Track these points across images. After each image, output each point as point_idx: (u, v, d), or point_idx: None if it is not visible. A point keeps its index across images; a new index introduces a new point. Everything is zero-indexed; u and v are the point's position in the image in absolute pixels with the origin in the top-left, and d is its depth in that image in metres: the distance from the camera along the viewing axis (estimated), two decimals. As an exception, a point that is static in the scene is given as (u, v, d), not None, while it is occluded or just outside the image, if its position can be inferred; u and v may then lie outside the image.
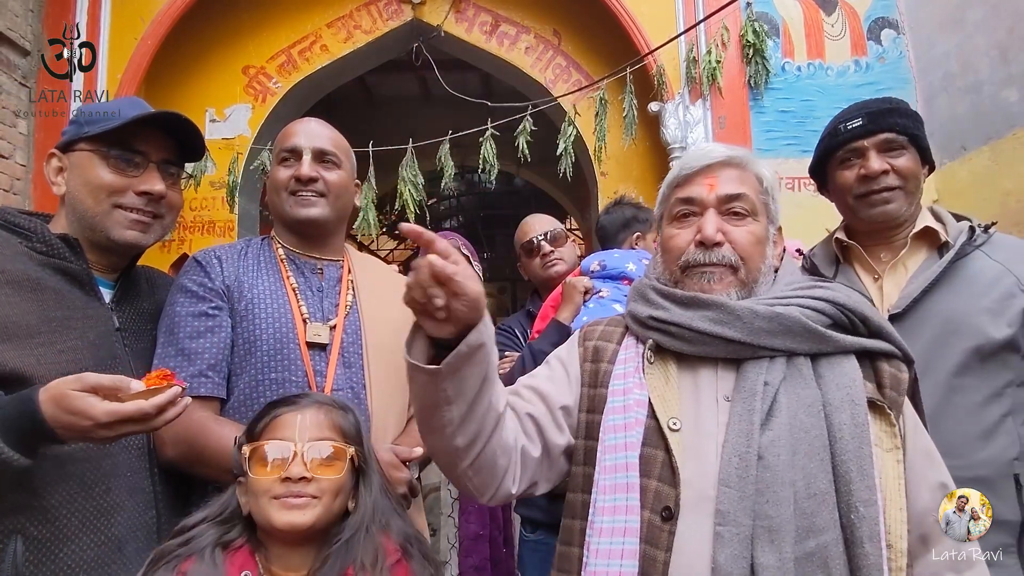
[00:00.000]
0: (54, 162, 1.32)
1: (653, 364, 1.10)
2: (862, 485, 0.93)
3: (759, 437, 0.97)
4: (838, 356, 1.05)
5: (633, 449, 1.02)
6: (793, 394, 1.01)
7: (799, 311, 1.05)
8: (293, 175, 1.46)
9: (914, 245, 1.57)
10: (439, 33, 4.65)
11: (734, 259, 1.11)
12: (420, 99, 7.34)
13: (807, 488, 0.94)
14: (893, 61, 4.24)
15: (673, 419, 1.02)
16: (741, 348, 1.05)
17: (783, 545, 0.90)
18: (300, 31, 4.70)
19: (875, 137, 1.54)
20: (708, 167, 1.15)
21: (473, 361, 0.92)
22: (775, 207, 1.18)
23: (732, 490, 0.93)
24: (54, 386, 1.03)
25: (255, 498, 1.08)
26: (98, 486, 1.18)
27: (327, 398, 1.21)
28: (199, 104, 4.50)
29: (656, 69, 4.16)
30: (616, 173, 4.52)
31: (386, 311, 1.50)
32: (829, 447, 0.97)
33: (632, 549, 0.96)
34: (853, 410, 0.99)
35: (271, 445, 1.10)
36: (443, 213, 11.50)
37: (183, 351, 1.33)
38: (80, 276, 1.26)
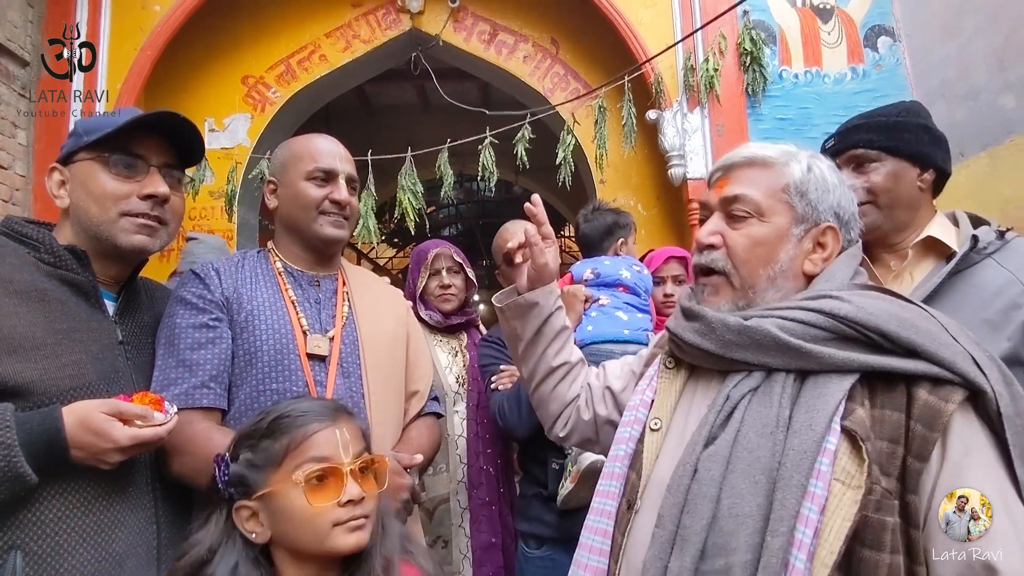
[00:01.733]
0: (56, 176, 1.32)
1: (670, 370, 1.15)
2: (778, 515, 0.87)
3: (701, 450, 0.98)
4: (828, 375, 0.94)
5: (628, 443, 1.11)
6: (753, 412, 0.97)
7: (776, 323, 0.98)
8: (329, 196, 1.49)
9: (921, 254, 1.51)
10: (437, 42, 4.68)
11: (723, 264, 1.08)
12: (419, 108, 7.37)
13: (731, 508, 0.91)
14: (890, 68, 4.26)
15: (656, 419, 1.10)
16: (718, 360, 1.05)
17: (686, 556, 0.91)
18: (299, 41, 4.72)
19: (844, 155, 1.55)
20: (725, 168, 1.15)
21: (529, 313, 1.30)
22: (810, 206, 1.08)
23: (670, 496, 0.97)
24: (80, 407, 1.09)
25: (306, 525, 1.02)
26: (98, 501, 1.17)
27: (338, 403, 1.17)
28: (198, 114, 4.51)
29: (654, 77, 4.17)
30: (615, 180, 4.53)
31: (381, 322, 1.56)
32: (775, 470, 0.91)
33: (604, 528, 1.08)
34: (805, 436, 0.90)
35: (322, 469, 1.04)
36: (442, 221, 11.53)
37: (184, 362, 1.32)
38: (86, 288, 1.26)
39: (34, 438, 1.05)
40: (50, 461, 1.07)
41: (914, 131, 1.54)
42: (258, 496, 1.06)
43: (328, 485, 1.04)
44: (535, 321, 1.30)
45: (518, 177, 7.76)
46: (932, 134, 1.55)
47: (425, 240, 2.55)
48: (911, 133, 1.54)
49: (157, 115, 1.32)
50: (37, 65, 4.15)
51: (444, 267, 2.31)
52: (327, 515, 1.02)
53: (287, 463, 1.05)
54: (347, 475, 1.04)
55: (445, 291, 2.30)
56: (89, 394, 1.17)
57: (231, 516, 1.07)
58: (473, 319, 2.43)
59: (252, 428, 1.11)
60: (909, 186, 1.52)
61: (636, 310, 2.04)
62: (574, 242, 10.78)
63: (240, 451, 1.10)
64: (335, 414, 1.11)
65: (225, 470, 1.08)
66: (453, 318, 2.32)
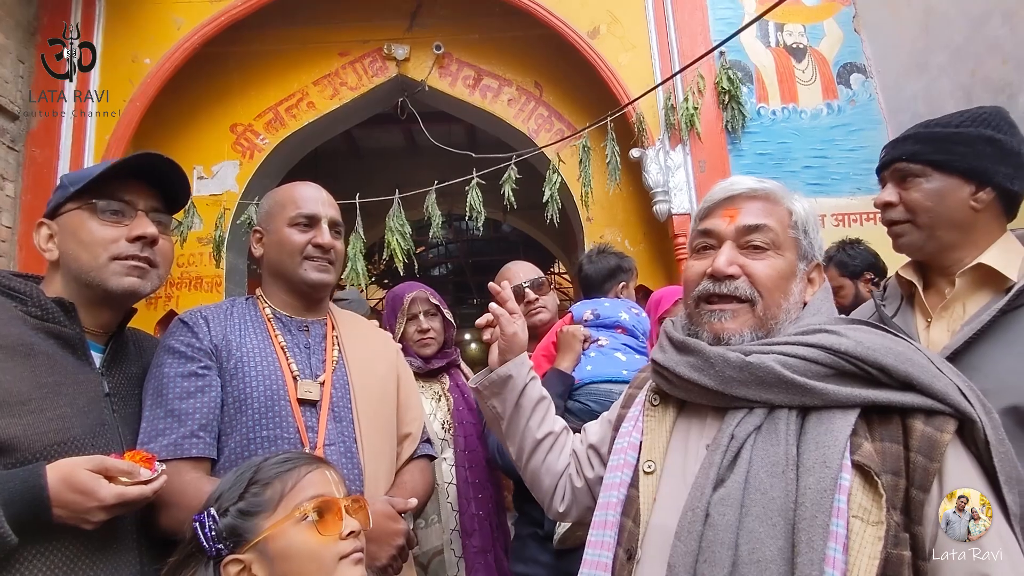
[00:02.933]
0: (44, 230, 1.32)
1: (656, 407, 1.10)
2: (806, 558, 0.84)
3: (711, 493, 0.93)
4: (831, 411, 0.93)
5: (620, 489, 1.06)
6: (761, 451, 0.94)
7: (778, 359, 0.96)
8: (312, 241, 1.51)
9: (975, 284, 1.34)
10: (423, 88, 4.78)
11: (749, 292, 1.04)
12: (406, 151, 7.48)
13: (751, 553, 0.87)
14: (863, 103, 4.40)
15: (649, 462, 1.04)
16: (717, 397, 1.00)
17: None
18: (287, 89, 4.81)
19: (889, 168, 1.43)
20: (730, 198, 1.11)
21: (506, 388, 1.28)
22: (810, 243, 1.10)
23: (681, 543, 0.92)
24: (66, 464, 1.07)
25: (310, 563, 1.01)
26: (81, 560, 1.13)
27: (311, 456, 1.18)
28: (186, 162, 4.55)
29: (636, 117, 4.28)
30: (601, 217, 4.59)
31: (371, 365, 1.56)
32: (792, 512, 0.88)
33: None
34: (821, 474, 0.88)
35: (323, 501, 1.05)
36: (431, 261, 11.57)
37: (172, 412, 1.30)
38: (73, 341, 1.25)
39: (16, 496, 1.03)
40: (32, 521, 1.04)
41: (972, 143, 1.34)
42: (252, 545, 1.02)
43: (327, 522, 1.04)
44: (512, 395, 1.28)
45: (506, 215, 7.84)
46: (1000, 147, 1.34)
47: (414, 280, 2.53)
48: (967, 146, 1.34)
49: (141, 157, 1.33)
50: (26, 118, 4.18)
51: (421, 311, 2.27)
52: (332, 548, 1.02)
53: (284, 504, 1.04)
54: (344, 509, 1.06)
55: (424, 335, 2.25)
56: (75, 449, 1.15)
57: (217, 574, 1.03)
58: (454, 360, 2.37)
59: (234, 482, 1.10)
60: (957, 205, 1.34)
61: (634, 352, 2.05)
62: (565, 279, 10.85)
63: (226, 504, 1.07)
64: (317, 461, 1.13)
65: (212, 525, 1.04)
66: (434, 361, 2.27)
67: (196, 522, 1.06)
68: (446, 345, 2.34)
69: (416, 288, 2.33)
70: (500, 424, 1.31)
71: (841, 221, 4.19)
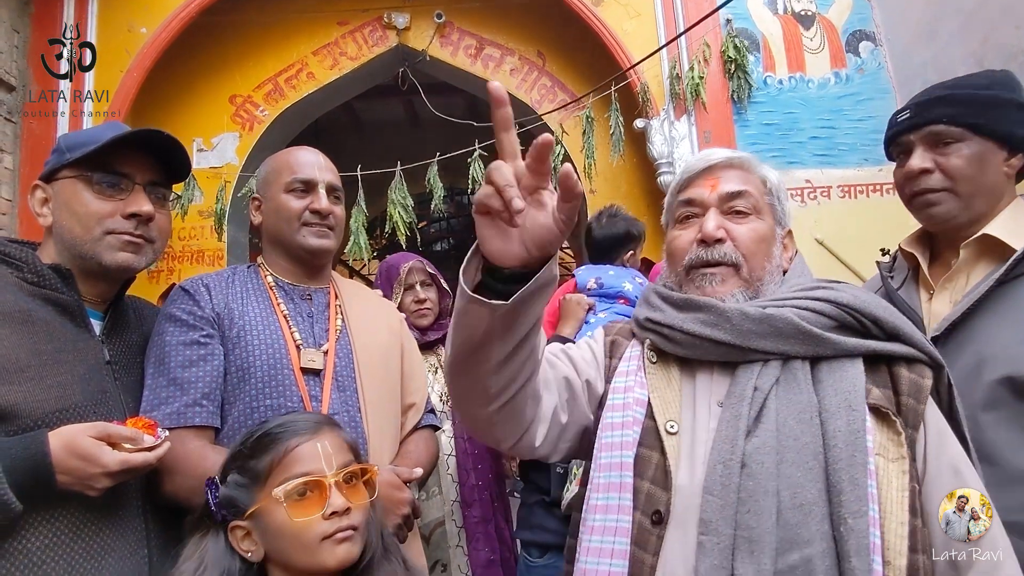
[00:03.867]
0: (38, 193, 1.30)
1: (656, 364, 1.10)
2: (852, 496, 0.87)
3: (744, 444, 0.93)
4: (840, 360, 1.00)
5: (629, 448, 1.01)
6: (785, 399, 0.97)
7: (793, 312, 1.01)
8: (309, 207, 1.47)
9: (978, 254, 1.33)
10: (424, 57, 4.70)
11: (735, 256, 1.08)
12: (407, 123, 7.39)
13: (792, 498, 0.89)
14: (872, 72, 4.32)
15: (671, 422, 1.01)
16: (732, 351, 1.02)
17: (762, 557, 0.85)
18: (286, 59, 4.73)
19: (920, 131, 1.34)
20: (710, 168, 1.15)
21: (538, 300, 0.83)
22: (782, 209, 1.16)
23: (715, 498, 0.91)
24: (67, 431, 1.07)
25: (295, 540, 1.01)
26: (87, 527, 1.14)
27: (320, 415, 1.16)
28: (186, 134, 4.51)
29: (640, 86, 4.21)
30: (604, 190, 4.55)
31: (375, 334, 1.54)
32: (822, 455, 0.92)
33: (622, 549, 0.95)
34: (850, 416, 0.93)
35: (303, 483, 1.02)
36: (433, 236, 11.52)
37: (175, 380, 1.30)
38: (71, 307, 1.23)
39: (18, 464, 1.03)
40: (35, 488, 1.04)
41: (1004, 107, 1.32)
42: (249, 515, 1.04)
43: (312, 499, 1.02)
44: (541, 307, 0.87)
45: (508, 189, 7.77)
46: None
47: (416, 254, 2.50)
48: (1000, 109, 1.31)
49: (141, 133, 1.30)
50: (23, 89, 4.13)
51: (418, 281, 2.24)
52: (313, 529, 1.00)
53: (271, 480, 1.04)
54: (330, 487, 1.03)
55: (421, 306, 2.22)
56: (76, 416, 1.14)
57: (227, 537, 1.06)
58: None
59: (238, 448, 1.10)
60: (994, 172, 1.31)
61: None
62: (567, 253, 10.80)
63: (229, 472, 1.08)
64: (317, 427, 1.09)
65: (215, 492, 1.06)
66: (430, 333, 2.26)
67: (207, 487, 1.08)
68: (442, 316, 2.31)
69: (412, 258, 2.31)
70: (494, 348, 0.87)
71: (847, 193, 4.14)
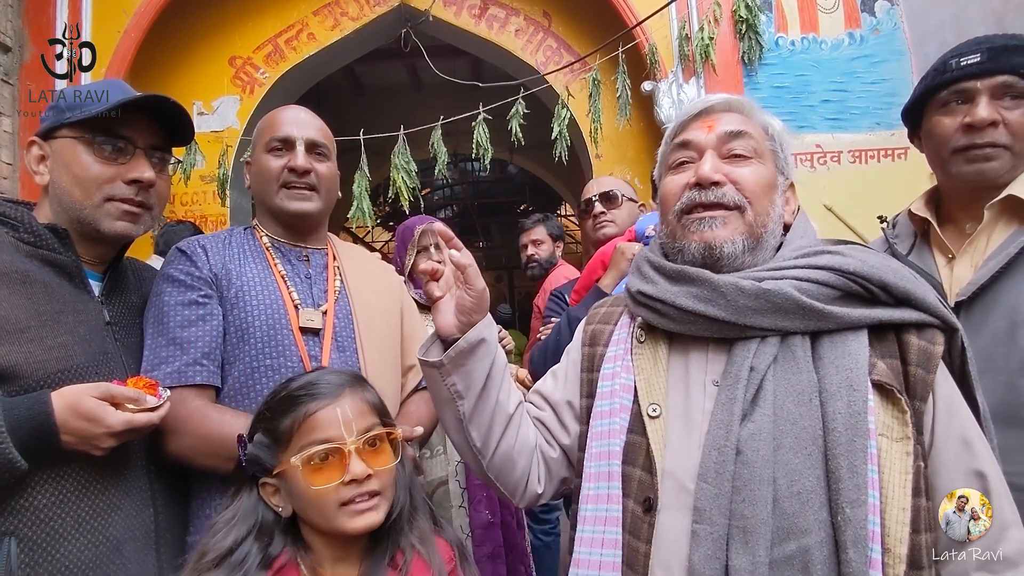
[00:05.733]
0: (35, 150, 1.27)
1: (643, 344, 1.04)
2: (850, 483, 0.83)
3: (739, 429, 0.88)
4: (843, 333, 0.92)
5: (617, 436, 0.98)
6: (783, 380, 0.91)
7: (792, 284, 0.93)
8: (286, 165, 1.43)
9: (1002, 216, 1.29)
10: (427, 18, 4.58)
11: (737, 199, 1.00)
12: (411, 88, 7.27)
13: (789, 486, 0.85)
14: (888, 33, 4.19)
15: (653, 405, 0.97)
16: (727, 327, 0.95)
17: (757, 548, 0.82)
18: (286, 20, 4.63)
19: (992, 79, 1.26)
20: (707, 110, 1.06)
21: (475, 356, 1.01)
22: (785, 158, 1.07)
23: (709, 486, 0.87)
24: (70, 391, 1.08)
25: (314, 505, 1.01)
26: (93, 485, 1.15)
27: (347, 375, 1.12)
28: (186, 97, 4.43)
29: (648, 48, 4.10)
30: (611, 155, 4.48)
31: (373, 295, 1.53)
32: (822, 439, 0.87)
33: (614, 539, 0.94)
34: (850, 397, 0.87)
35: (322, 450, 1.01)
36: (437, 203, 11.45)
37: (175, 340, 1.29)
38: (69, 268, 1.22)
39: (22, 424, 1.03)
40: (40, 447, 1.05)
41: None
42: (276, 475, 1.05)
43: (331, 465, 1.01)
44: (483, 364, 1.02)
45: (513, 155, 7.68)
46: None
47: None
48: None
49: (149, 98, 1.27)
50: (19, 50, 4.06)
51: (432, 243, 2.25)
52: (332, 496, 1.00)
53: (293, 444, 1.03)
54: (350, 454, 1.01)
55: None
56: (78, 377, 1.14)
57: (259, 492, 1.07)
58: None
59: (264, 407, 1.10)
60: None
61: None
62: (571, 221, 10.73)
63: (256, 431, 1.09)
64: (339, 390, 1.07)
65: (243, 450, 1.07)
66: None
67: (238, 443, 1.09)
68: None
69: (426, 220, 2.32)
70: (459, 407, 1.03)
71: (858, 158, 4.06)
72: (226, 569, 0.99)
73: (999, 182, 1.29)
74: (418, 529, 1.09)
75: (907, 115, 1.48)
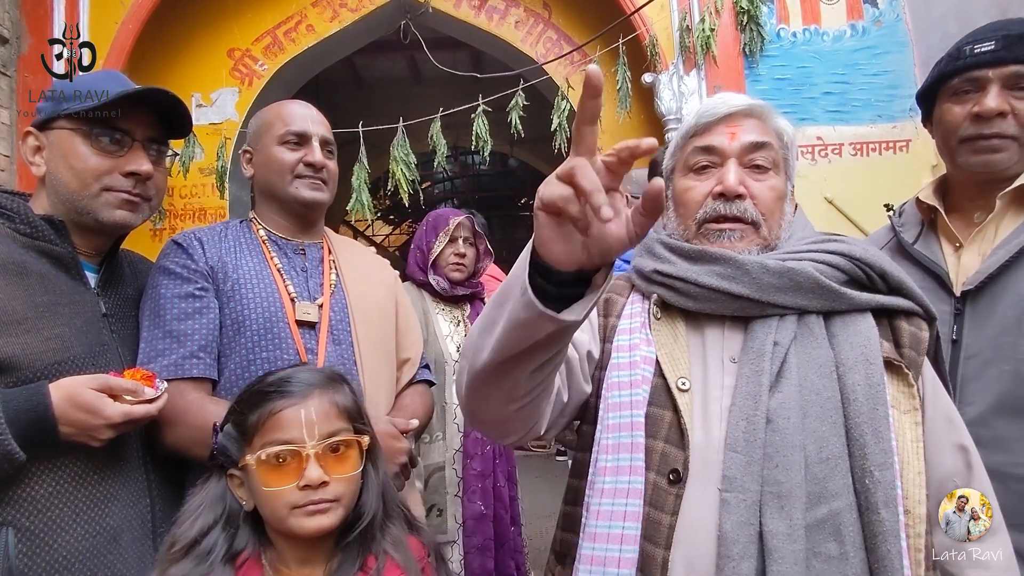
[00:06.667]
0: (31, 141, 1.27)
1: (660, 320, 1.05)
2: (877, 448, 0.88)
3: (767, 400, 0.91)
4: (852, 314, 0.99)
5: (639, 408, 0.97)
6: (804, 354, 0.96)
7: (812, 266, 0.99)
8: (303, 159, 1.46)
9: (1011, 206, 1.29)
10: (427, 9, 4.56)
11: (755, 215, 1.04)
12: (410, 81, 7.25)
13: (818, 452, 0.89)
14: (890, 24, 4.16)
15: (682, 379, 0.98)
16: (749, 305, 0.98)
17: (793, 512, 0.85)
18: (285, 11, 4.60)
19: (1004, 68, 1.24)
20: (730, 115, 1.07)
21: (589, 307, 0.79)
22: (793, 164, 1.11)
23: (739, 455, 0.89)
24: (68, 383, 1.07)
25: (267, 505, 1.00)
26: (90, 476, 1.16)
27: (321, 375, 1.10)
28: (184, 89, 4.42)
29: (649, 39, 4.08)
30: (611, 147, 4.46)
31: (369, 289, 1.55)
32: (842, 409, 0.91)
33: (635, 511, 0.91)
34: (868, 370, 0.92)
35: (279, 451, 0.98)
36: (437, 197, 11.44)
37: (171, 333, 1.30)
38: (66, 260, 1.22)
39: (20, 415, 1.04)
40: (38, 438, 1.05)
41: None
42: (240, 467, 1.04)
43: (288, 467, 0.98)
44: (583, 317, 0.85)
45: (513, 148, 7.66)
46: None
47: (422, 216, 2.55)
48: None
49: (149, 92, 1.27)
50: (17, 42, 4.04)
51: (462, 236, 2.33)
52: (284, 498, 0.98)
53: (256, 441, 1.01)
54: (308, 458, 0.98)
55: (460, 260, 2.31)
56: (75, 368, 1.14)
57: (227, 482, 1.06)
58: (479, 292, 2.43)
59: (239, 398, 1.09)
60: None
61: None
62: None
63: (227, 421, 1.08)
64: (309, 390, 1.04)
65: (216, 438, 1.06)
66: (459, 288, 2.33)
67: (212, 430, 1.08)
68: (474, 275, 2.39)
69: (463, 214, 2.40)
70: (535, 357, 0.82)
71: (859, 150, 4.05)
72: (193, 559, 0.98)
73: (1007, 173, 1.28)
74: (391, 535, 1.06)
75: (921, 99, 1.47)
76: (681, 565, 0.88)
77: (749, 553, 0.84)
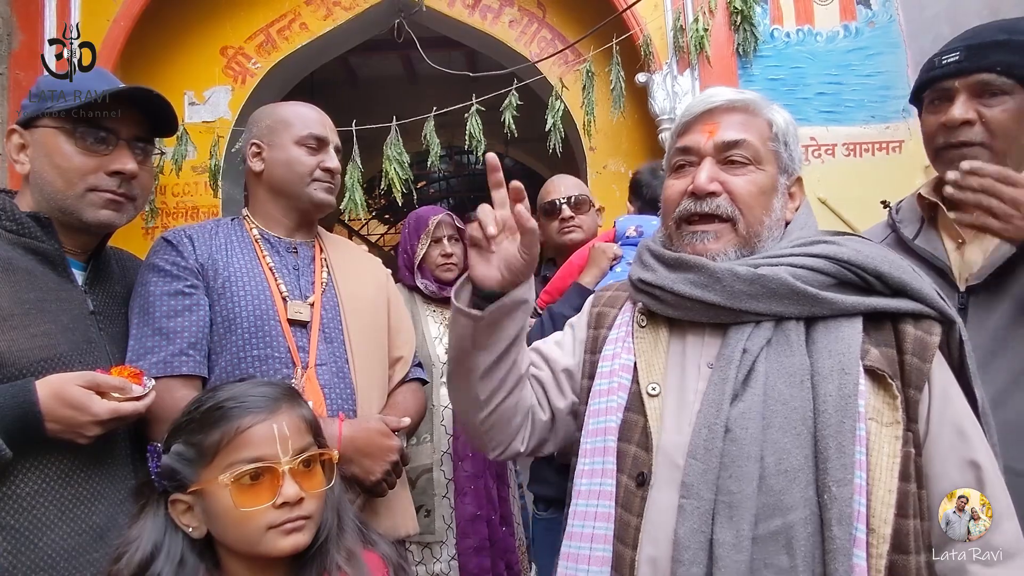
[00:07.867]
0: (15, 139, 1.26)
1: (645, 328, 1.06)
2: (838, 463, 0.85)
3: (729, 408, 0.91)
4: (837, 319, 0.95)
5: (614, 414, 1.01)
6: (775, 362, 0.94)
7: (788, 271, 0.96)
8: (321, 165, 1.50)
9: None
10: (420, 8, 4.55)
11: (730, 210, 1.02)
12: (405, 80, 7.24)
13: (777, 464, 0.87)
14: (883, 25, 4.18)
15: (652, 384, 1.00)
16: (723, 312, 0.98)
17: (741, 522, 0.85)
18: (278, 9, 4.58)
19: (968, 77, 1.25)
20: (709, 112, 1.06)
21: (512, 315, 1.00)
22: (790, 155, 1.08)
23: (697, 462, 0.89)
24: (56, 380, 1.07)
25: (236, 527, 0.94)
26: (77, 474, 1.15)
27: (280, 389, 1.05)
28: (177, 87, 4.39)
29: (643, 39, 4.08)
30: (605, 147, 4.46)
31: (361, 288, 1.55)
32: (812, 420, 0.89)
33: (607, 512, 0.96)
34: (841, 380, 0.89)
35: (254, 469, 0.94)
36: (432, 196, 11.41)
37: (160, 330, 1.29)
38: (52, 257, 1.21)
39: (6, 412, 1.03)
40: (24, 435, 1.05)
41: None
42: (191, 491, 0.97)
43: (262, 485, 0.94)
44: (518, 323, 1.02)
45: (507, 148, 7.66)
46: None
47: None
48: None
49: (134, 91, 1.26)
50: (8, 38, 4.01)
51: (446, 235, 2.25)
52: (260, 518, 0.92)
53: (219, 460, 0.95)
54: (283, 475, 0.94)
55: (447, 260, 2.23)
56: (61, 366, 1.14)
57: (168, 510, 0.99)
58: None
59: (186, 417, 1.01)
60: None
61: None
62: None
63: (174, 441, 0.99)
64: (275, 404, 0.99)
65: (156, 461, 0.99)
66: (448, 289, 2.25)
67: (148, 452, 1.02)
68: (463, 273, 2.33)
69: (440, 211, 2.32)
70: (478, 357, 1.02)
71: (852, 151, 4.06)
72: None
73: None
74: (344, 549, 1.03)
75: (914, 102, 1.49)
76: (646, 566, 0.91)
77: (699, 560, 0.85)
